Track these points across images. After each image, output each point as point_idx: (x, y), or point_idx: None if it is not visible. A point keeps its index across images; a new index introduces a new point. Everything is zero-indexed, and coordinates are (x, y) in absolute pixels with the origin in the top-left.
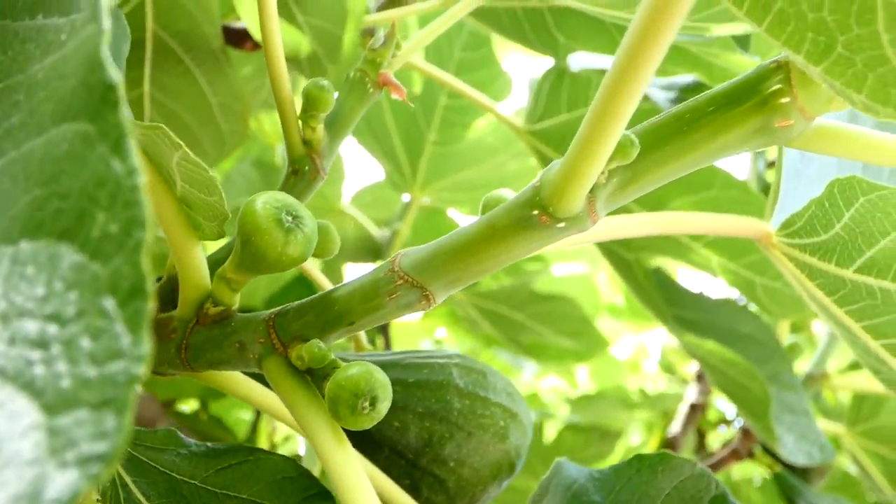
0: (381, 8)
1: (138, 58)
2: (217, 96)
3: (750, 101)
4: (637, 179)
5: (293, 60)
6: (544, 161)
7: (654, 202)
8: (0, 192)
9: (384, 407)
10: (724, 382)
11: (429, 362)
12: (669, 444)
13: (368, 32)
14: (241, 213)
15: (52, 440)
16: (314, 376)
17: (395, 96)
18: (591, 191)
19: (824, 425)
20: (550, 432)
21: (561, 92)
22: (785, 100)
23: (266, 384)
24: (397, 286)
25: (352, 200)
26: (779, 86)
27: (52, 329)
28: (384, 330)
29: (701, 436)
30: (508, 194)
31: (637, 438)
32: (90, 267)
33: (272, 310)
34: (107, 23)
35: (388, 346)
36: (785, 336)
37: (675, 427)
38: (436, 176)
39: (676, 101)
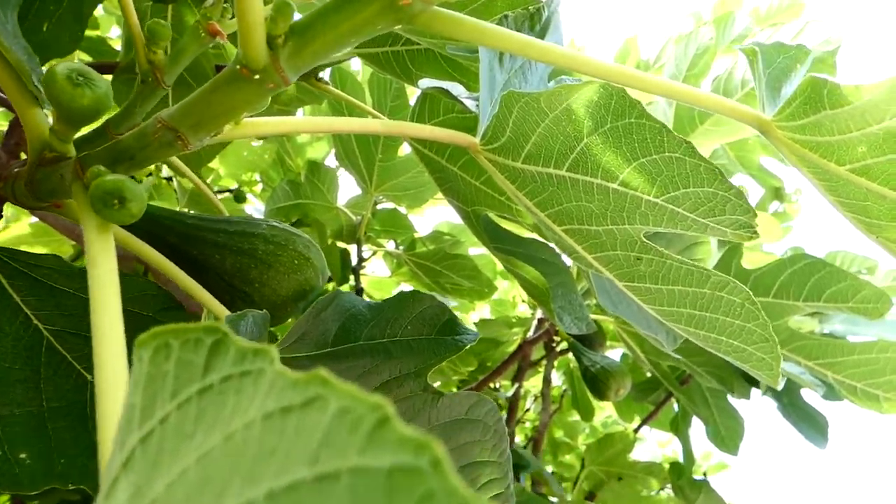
0: None
1: None
2: None
3: None
4: (307, 45)
5: None
6: (424, 160)
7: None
8: None
9: (134, 207)
10: (528, 288)
11: (248, 221)
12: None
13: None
14: (46, 74)
15: None
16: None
17: (218, 39)
18: (274, 50)
19: (599, 318)
20: None
21: (424, 106)
22: None
23: None
24: (158, 129)
25: (344, 204)
26: None
27: None
28: (357, 279)
29: (547, 330)
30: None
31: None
32: None
33: (84, 153)
34: None
35: (359, 292)
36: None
37: (531, 332)
38: (382, 182)
39: None
